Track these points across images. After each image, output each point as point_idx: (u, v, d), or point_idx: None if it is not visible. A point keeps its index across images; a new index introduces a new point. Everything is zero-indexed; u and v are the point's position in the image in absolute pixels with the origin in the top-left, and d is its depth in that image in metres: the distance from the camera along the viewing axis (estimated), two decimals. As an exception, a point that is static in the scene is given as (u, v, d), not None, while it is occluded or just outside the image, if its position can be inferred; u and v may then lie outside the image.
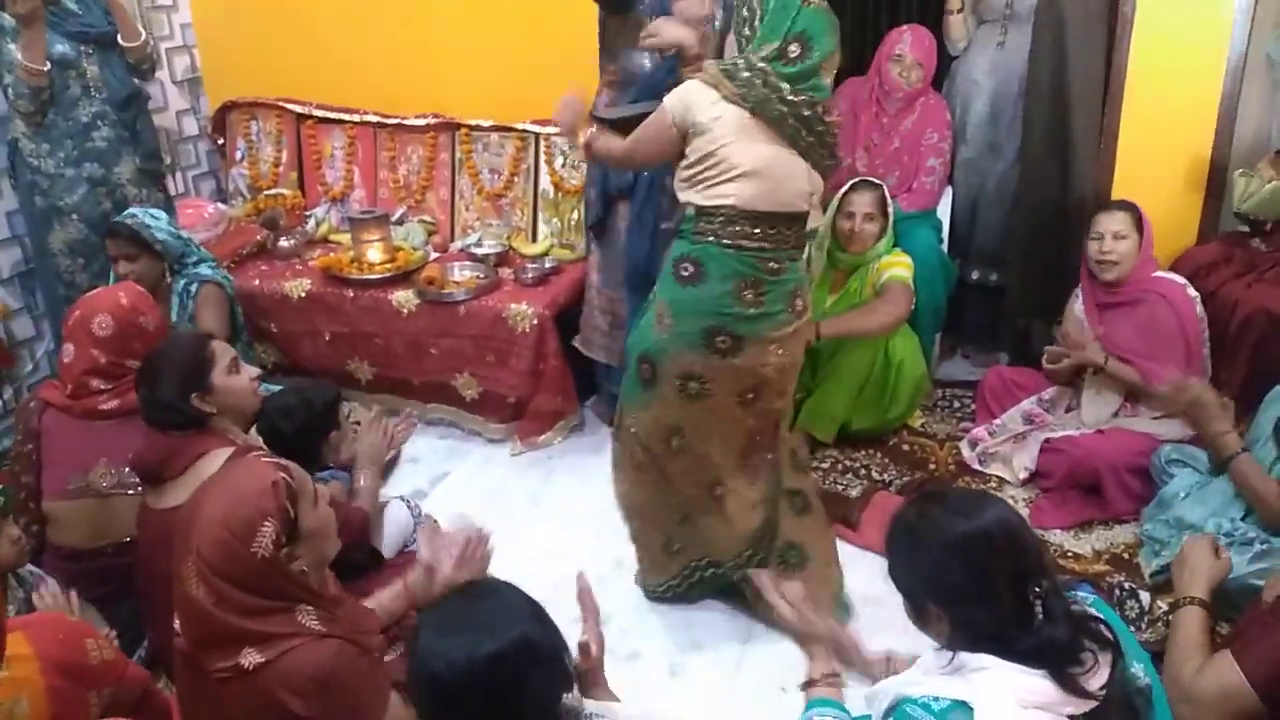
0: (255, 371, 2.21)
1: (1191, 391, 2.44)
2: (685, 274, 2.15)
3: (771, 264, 2.12)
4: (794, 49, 2.01)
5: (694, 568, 2.44)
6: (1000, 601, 1.32)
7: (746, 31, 2.08)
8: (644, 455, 2.32)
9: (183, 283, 2.93)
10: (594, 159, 2.44)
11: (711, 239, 2.11)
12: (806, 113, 2.03)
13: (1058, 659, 1.31)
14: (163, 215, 2.96)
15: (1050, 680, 1.30)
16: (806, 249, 2.23)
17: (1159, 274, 2.81)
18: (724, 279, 2.11)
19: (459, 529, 1.86)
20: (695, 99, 2.07)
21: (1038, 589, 1.34)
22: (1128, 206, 2.80)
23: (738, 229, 2.09)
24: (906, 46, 3.27)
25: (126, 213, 2.92)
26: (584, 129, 2.34)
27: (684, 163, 2.14)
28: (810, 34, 2.01)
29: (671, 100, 2.11)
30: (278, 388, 2.67)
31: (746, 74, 2.02)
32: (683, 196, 2.17)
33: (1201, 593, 1.93)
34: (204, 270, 2.97)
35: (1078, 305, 2.93)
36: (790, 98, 2.01)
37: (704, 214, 2.12)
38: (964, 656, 1.33)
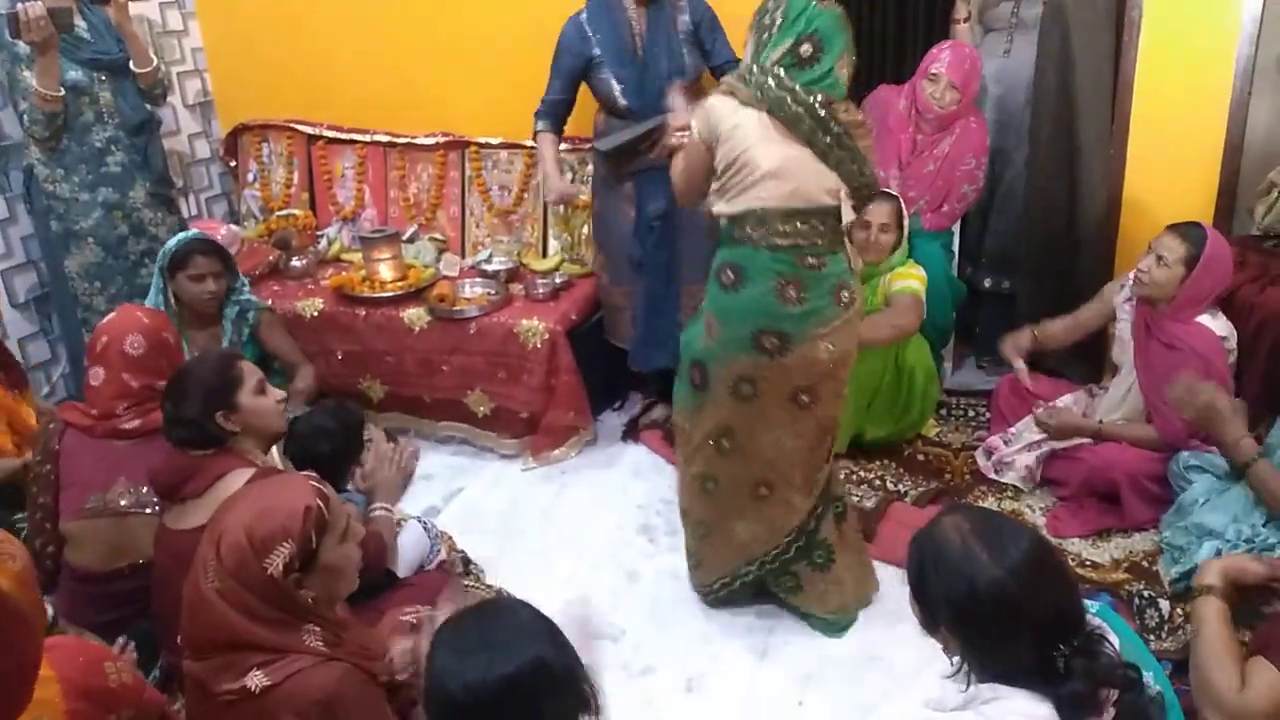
0: (280, 394, 2.19)
1: (1205, 396, 2.39)
2: (727, 281, 2.18)
3: (809, 259, 2.13)
4: (806, 48, 2.05)
5: (717, 582, 2.50)
6: (1020, 653, 1.29)
7: (765, 38, 2.12)
8: (686, 454, 2.38)
9: (236, 309, 2.98)
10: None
11: (748, 244, 2.14)
12: (822, 112, 2.05)
13: (1073, 713, 1.27)
14: None
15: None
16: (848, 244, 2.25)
17: (1203, 319, 2.63)
18: (764, 280, 2.13)
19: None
20: (715, 110, 2.12)
21: (1062, 647, 1.28)
22: (1190, 238, 2.59)
23: (769, 228, 2.11)
24: (944, 66, 3.10)
25: (194, 233, 2.98)
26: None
27: (715, 175, 2.18)
28: (822, 33, 2.05)
29: (695, 119, 2.18)
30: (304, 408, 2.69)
31: (760, 77, 2.07)
32: (715, 209, 2.21)
33: (1215, 579, 1.86)
34: (249, 296, 3.05)
35: (1120, 297, 2.85)
36: (804, 98, 2.04)
37: (735, 221, 2.16)
38: (975, 689, 1.32)
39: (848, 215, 2.15)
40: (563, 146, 3.51)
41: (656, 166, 2.87)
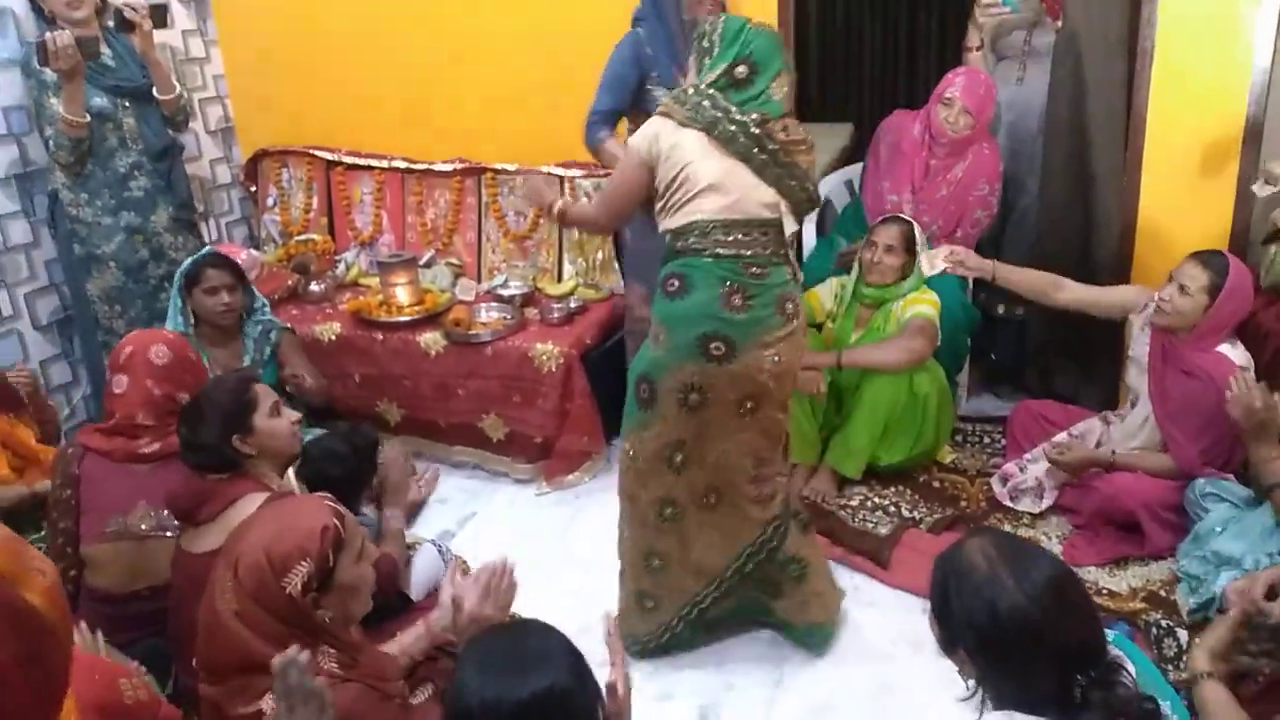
0: (296, 415, 2.20)
1: (1268, 411, 2.32)
2: (672, 289, 2.19)
3: (754, 269, 2.16)
4: (741, 70, 2.12)
5: (676, 618, 2.42)
6: (1038, 681, 1.28)
7: (706, 61, 2.17)
8: (636, 484, 2.32)
9: (259, 328, 3.03)
10: (569, 226, 2.47)
11: (691, 254, 2.17)
12: (756, 130, 2.10)
13: None
14: None
15: None
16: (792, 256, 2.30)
17: (1223, 348, 2.59)
18: (709, 286, 2.15)
19: (483, 565, 1.83)
20: (656, 129, 2.16)
21: (1081, 677, 1.27)
22: (1213, 266, 2.54)
23: (713, 238, 2.15)
24: (958, 91, 3.11)
25: (206, 249, 3.06)
26: (558, 198, 2.48)
27: (657, 194, 2.21)
28: (758, 55, 2.11)
29: (636, 139, 2.20)
30: (317, 431, 2.71)
31: (696, 99, 2.13)
32: (660, 227, 2.24)
33: (1206, 665, 1.78)
34: (271, 317, 3.11)
35: (1139, 321, 2.84)
36: (739, 117, 2.10)
37: (679, 234, 2.18)
38: (990, 717, 1.31)
39: (790, 227, 2.20)
40: (575, 173, 3.56)
41: None
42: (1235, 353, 2.61)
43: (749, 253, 2.16)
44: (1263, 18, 2.88)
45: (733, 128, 2.10)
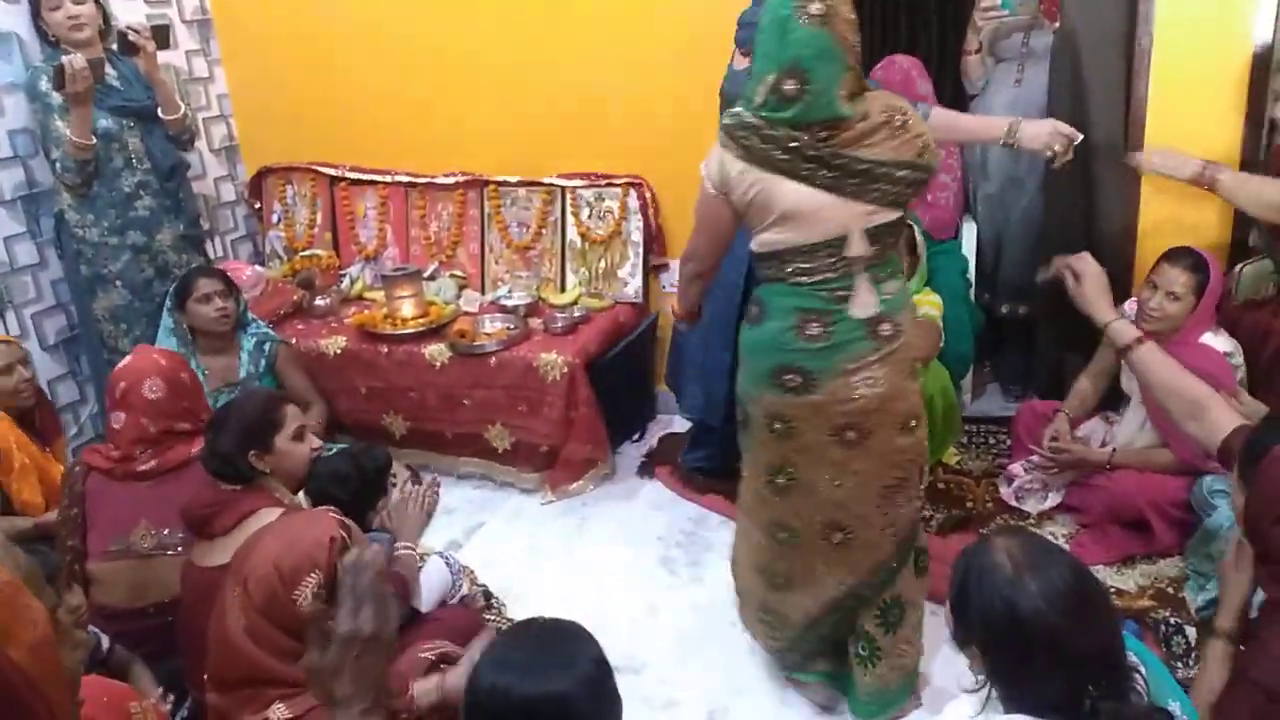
0: (317, 443, 2.22)
1: (1083, 277, 2.39)
2: (752, 315, 2.08)
3: (839, 293, 1.96)
4: (790, 85, 1.83)
5: (799, 637, 2.25)
6: (1048, 687, 1.27)
7: (752, 63, 1.94)
8: (752, 500, 2.20)
9: (254, 340, 3.09)
10: (691, 299, 2.26)
11: (771, 281, 2.02)
12: (812, 153, 1.86)
13: None
14: None
15: None
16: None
17: (1206, 338, 2.63)
18: (784, 315, 1.99)
19: None
20: (721, 158, 1.96)
21: (1093, 688, 1.25)
22: (1195, 266, 2.59)
23: (793, 267, 1.97)
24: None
25: (196, 266, 3.16)
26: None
27: (740, 216, 2.03)
28: (806, 64, 1.82)
29: (705, 171, 2.00)
30: (334, 447, 2.71)
31: (743, 132, 1.91)
32: (750, 246, 2.07)
33: (1231, 619, 1.78)
34: (266, 329, 3.17)
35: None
36: (792, 145, 1.87)
37: (760, 260, 2.03)
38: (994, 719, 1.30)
39: (854, 247, 1.93)
40: (576, 183, 3.57)
41: None
42: (1219, 340, 2.64)
43: (835, 275, 1.95)
44: (1260, 13, 2.88)
45: (787, 157, 1.87)
